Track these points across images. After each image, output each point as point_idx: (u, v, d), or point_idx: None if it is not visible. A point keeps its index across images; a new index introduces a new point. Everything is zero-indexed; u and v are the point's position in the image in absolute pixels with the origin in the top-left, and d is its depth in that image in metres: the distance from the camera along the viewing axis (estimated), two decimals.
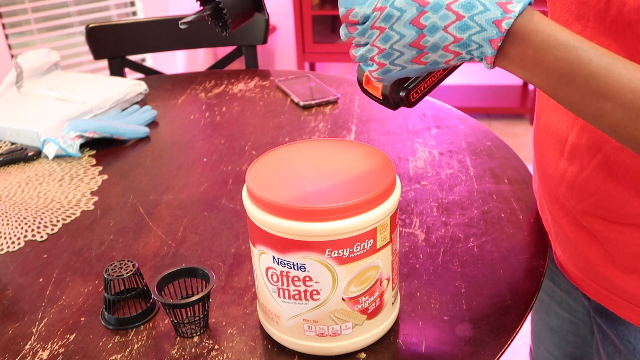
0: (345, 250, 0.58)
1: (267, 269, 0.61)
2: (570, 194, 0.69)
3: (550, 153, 0.72)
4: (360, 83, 0.67)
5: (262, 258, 0.61)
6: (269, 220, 0.58)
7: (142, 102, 1.39)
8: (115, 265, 0.72)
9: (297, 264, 0.58)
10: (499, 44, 0.51)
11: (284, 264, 0.59)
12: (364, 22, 0.54)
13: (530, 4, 0.51)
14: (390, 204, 0.59)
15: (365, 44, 0.56)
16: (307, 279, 0.59)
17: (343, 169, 0.63)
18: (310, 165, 0.64)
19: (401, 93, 0.64)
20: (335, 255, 0.58)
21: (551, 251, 0.84)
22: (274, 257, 0.59)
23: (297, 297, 0.60)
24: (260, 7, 0.58)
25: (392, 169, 0.61)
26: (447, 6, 0.51)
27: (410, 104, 0.65)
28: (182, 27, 0.54)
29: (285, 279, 0.60)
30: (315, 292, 0.60)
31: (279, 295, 0.62)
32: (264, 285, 0.63)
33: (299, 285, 0.60)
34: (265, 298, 0.64)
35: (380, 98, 0.65)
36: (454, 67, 0.63)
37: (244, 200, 0.62)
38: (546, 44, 0.50)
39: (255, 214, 0.59)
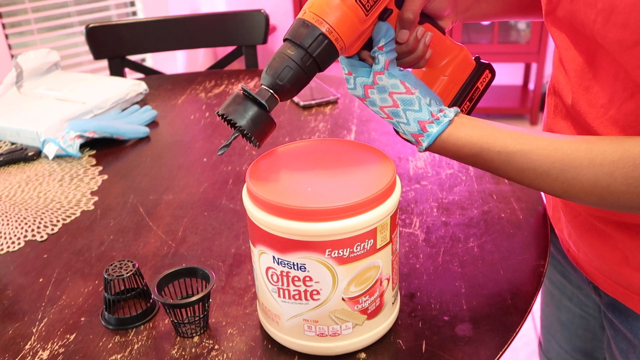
0: (345, 250, 0.57)
1: (267, 269, 0.61)
2: None
3: None
4: None
5: (262, 258, 0.61)
6: (269, 220, 0.58)
7: (142, 102, 1.39)
8: (115, 265, 0.72)
9: (297, 264, 0.58)
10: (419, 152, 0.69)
11: (284, 264, 0.59)
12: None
13: (441, 132, 0.62)
14: (390, 204, 0.59)
15: None
16: (307, 279, 0.59)
17: (343, 169, 0.63)
18: (310, 165, 0.64)
19: None
20: (335, 255, 0.58)
21: (560, 245, 0.84)
22: (274, 257, 0.59)
23: (297, 297, 0.60)
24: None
25: (392, 169, 0.61)
26: (380, 108, 0.64)
27: None
28: (219, 153, 0.60)
29: (285, 279, 0.60)
30: (315, 292, 0.60)
31: (279, 295, 0.62)
32: (264, 285, 0.63)
33: (299, 285, 0.60)
34: (265, 298, 0.64)
35: None
36: (482, 89, 0.75)
37: (244, 200, 0.62)
38: (456, 154, 0.62)
39: (255, 214, 0.59)
